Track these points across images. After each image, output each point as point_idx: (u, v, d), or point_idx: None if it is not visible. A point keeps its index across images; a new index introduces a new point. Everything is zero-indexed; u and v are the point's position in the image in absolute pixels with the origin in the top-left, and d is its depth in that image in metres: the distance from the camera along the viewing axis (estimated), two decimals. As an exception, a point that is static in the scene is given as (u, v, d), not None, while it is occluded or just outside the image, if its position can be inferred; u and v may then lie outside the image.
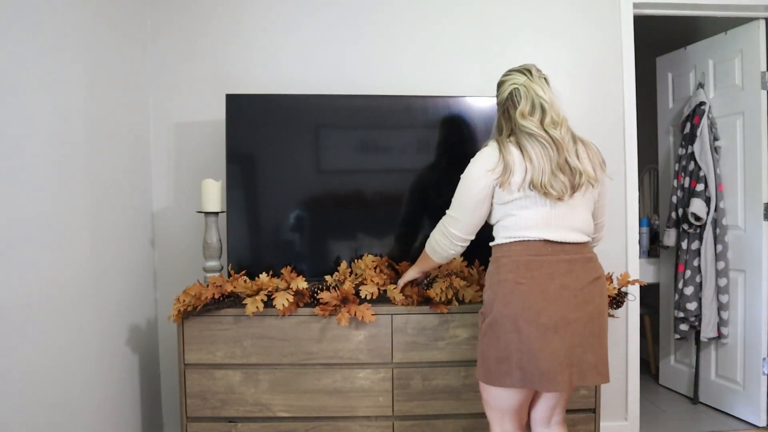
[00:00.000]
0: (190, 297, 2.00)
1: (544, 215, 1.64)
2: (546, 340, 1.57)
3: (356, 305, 2.02)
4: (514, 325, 1.59)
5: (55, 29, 1.73)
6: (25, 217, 1.56)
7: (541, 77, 1.73)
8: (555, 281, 1.60)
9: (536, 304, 1.58)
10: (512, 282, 1.61)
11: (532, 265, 1.62)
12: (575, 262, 1.64)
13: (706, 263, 2.95)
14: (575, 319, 1.59)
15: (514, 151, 1.65)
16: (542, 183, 1.61)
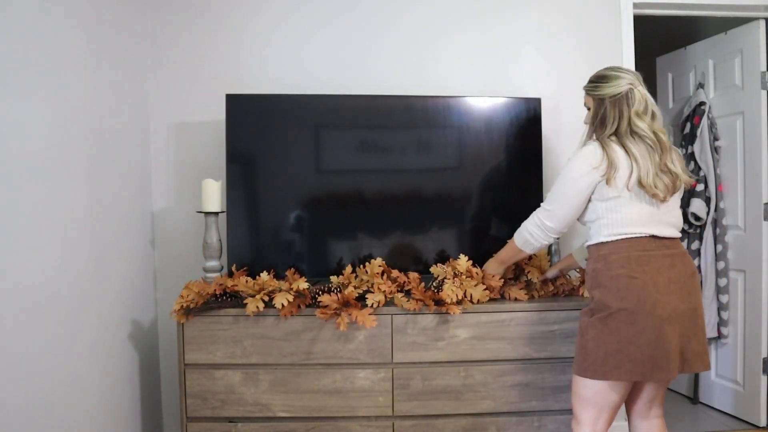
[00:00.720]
0: (193, 293, 2.00)
1: (648, 212, 1.72)
2: (662, 331, 1.65)
3: (357, 310, 2.01)
4: (630, 318, 1.66)
5: (55, 29, 1.73)
6: (25, 217, 1.56)
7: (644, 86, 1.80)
8: (663, 275, 1.68)
9: (651, 296, 1.65)
10: (626, 277, 1.68)
11: (642, 260, 1.69)
12: (675, 256, 1.73)
13: (706, 263, 2.95)
14: (683, 310, 1.68)
15: (618, 149, 1.71)
16: (649, 182, 1.68)
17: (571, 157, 1.82)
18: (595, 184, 1.73)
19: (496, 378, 2.12)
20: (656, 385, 1.83)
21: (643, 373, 1.68)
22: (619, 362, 1.66)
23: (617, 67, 1.86)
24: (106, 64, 2.08)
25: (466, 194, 2.43)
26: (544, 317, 2.14)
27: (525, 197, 2.41)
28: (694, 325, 1.72)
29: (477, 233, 2.37)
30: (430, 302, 2.05)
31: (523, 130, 2.40)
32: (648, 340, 1.65)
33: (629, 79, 1.77)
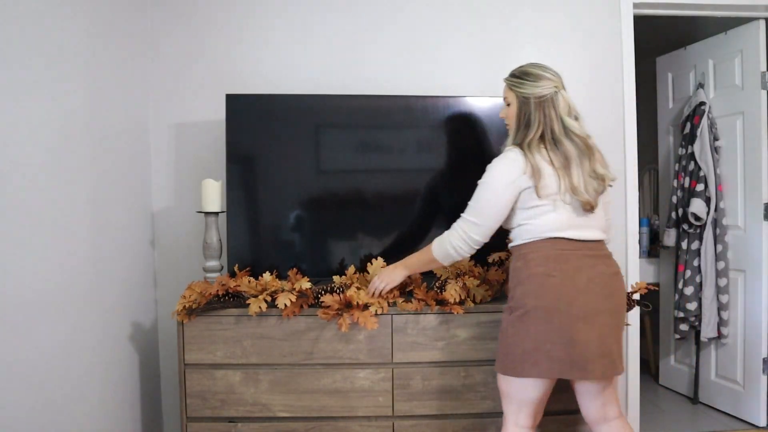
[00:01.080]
0: (195, 293, 2.00)
1: (568, 217, 1.70)
2: (577, 330, 1.63)
3: (359, 311, 2.01)
4: (546, 316, 1.65)
5: (55, 29, 1.73)
6: (25, 217, 1.56)
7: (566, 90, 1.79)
8: (582, 274, 1.67)
9: (567, 295, 1.64)
10: (543, 275, 1.67)
11: (561, 258, 1.68)
12: (598, 257, 1.73)
13: (706, 263, 2.95)
14: (604, 310, 1.67)
15: (541, 156, 1.69)
16: (578, 189, 1.67)
17: (491, 165, 1.76)
18: (519, 192, 1.71)
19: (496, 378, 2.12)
20: (599, 387, 1.76)
21: (560, 371, 1.65)
22: (536, 360, 1.65)
23: (542, 65, 1.80)
24: (106, 64, 2.08)
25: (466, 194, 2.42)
26: (544, 317, 2.13)
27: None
28: (615, 327, 1.70)
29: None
30: (432, 303, 2.05)
31: (523, 130, 2.40)
32: (564, 339, 1.63)
33: (555, 82, 1.74)
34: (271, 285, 2.05)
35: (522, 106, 1.75)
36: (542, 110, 1.72)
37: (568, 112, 1.73)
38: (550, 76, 1.76)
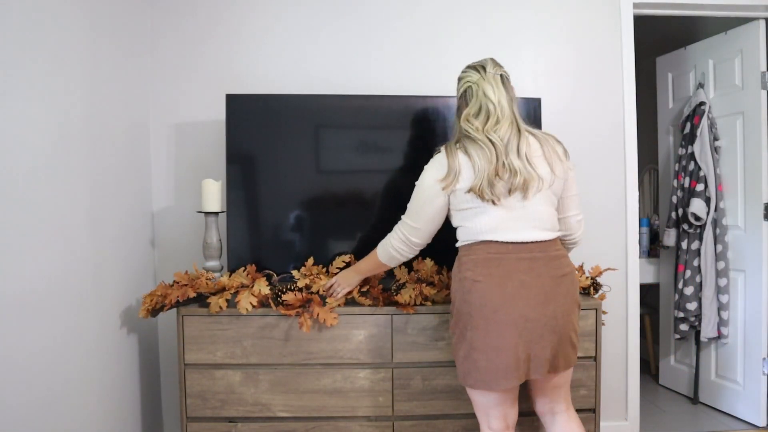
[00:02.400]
0: (156, 297, 2.04)
1: (501, 218, 1.64)
2: (502, 338, 1.58)
3: (320, 307, 2.02)
4: (472, 323, 1.61)
5: (55, 30, 1.73)
6: (25, 217, 1.56)
7: (496, 74, 1.71)
8: (513, 279, 1.60)
9: (492, 301, 1.59)
10: (470, 280, 1.63)
11: (491, 263, 1.62)
12: (537, 260, 1.64)
13: (706, 263, 2.95)
14: (535, 317, 1.59)
15: (461, 157, 1.65)
16: (480, 188, 1.61)
17: (425, 166, 1.75)
18: (447, 195, 1.68)
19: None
20: (548, 385, 1.74)
21: (487, 382, 1.60)
22: (468, 369, 1.63)
23: (468, 65, 1.77)
24: (106, 64, 2.08)
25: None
26: (544, 317, 2.13)
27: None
28: (552, 333, 1.61)
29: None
30: (381, 303, 2.07)
31: (523, 130, 2.40)
32: (490, 347, 1.58)
33: (466, 78, 1.71)
34: (230, 285, 2.06)
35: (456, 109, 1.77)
36: (458, 112, 1.73)
37: (479, 108, 1.67)
38: (464, 75, 1.73)
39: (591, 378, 2.15)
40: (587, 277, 2.31)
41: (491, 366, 1.59)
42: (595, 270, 2.32)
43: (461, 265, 1.68)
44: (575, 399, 2.14)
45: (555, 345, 1.62)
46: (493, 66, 1.73)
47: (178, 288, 2.04)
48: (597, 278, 2.32)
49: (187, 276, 2.11)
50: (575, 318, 1.69)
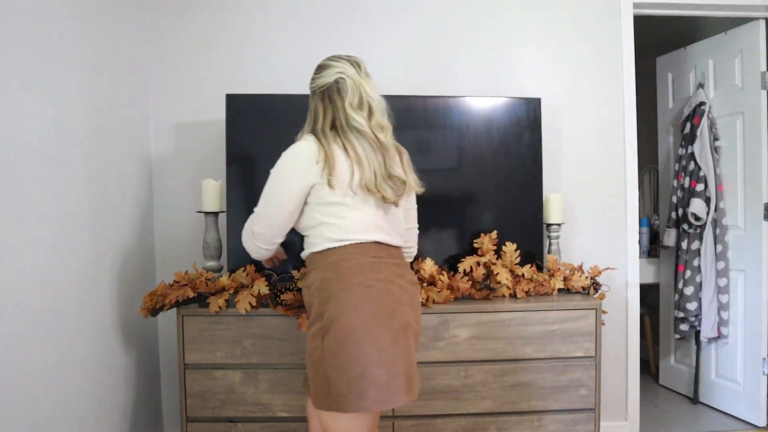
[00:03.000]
0: (156, 296, 2.05)
1: (376, 217, 1.56)
2: (400, 346, 1.47)
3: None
4: (369, 335, 1.43)
5: (55, 30, 1.73)
6: (25, 217, 1.56)
7: (368, 75, 1.65)
8: (395, 284, 1.53)
9: (388, 308, 1.47)
10: (360, 286, 1.47)
11: (375, 267, 1.50)
12: (401, 266, 1.62)
13: (706, 263, 2.95)
14: (413, 322, 1.56)
15: (336, 146, 1.53)
16: (377, 185, 1.52)
17: (283, 153, 1.60)
18: (311, 185, 1.53)
19: (496, 378, 2.12)
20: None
21: (390, 400, 1.43)
22: (363, 389, 1.40)
23: (336, 55, 1.67)
24: (107, 64, 2.08)
25: (466, 194, 2.43)
26: (544, 317, 2.14)
27: (525, 197, 2.41)
28: (416, 340, 1.59)
29: (477, 233, 2.36)
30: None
31: (523, 130, 2.40)
32: (390, 357, 1.43)
33: (339, 68, 1.59)
34: (229, 285, 2.07)
35: (311, 100, 1.64)
36: (327, 98, 1.58)
37: (360, 100, 1.57)
38: (335, 63, 1.61)
39: (591, 378, 2.15)
40: (586, 276, 2.31)
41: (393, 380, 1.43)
42: (594, 270, 2.33)
43: (342, 272, 1.49)
44: (575, 399, 2.14)
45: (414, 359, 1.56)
46: (365, 66, 1.67)
47: (178, 288, 2.04)
48: (596, 278, 2.33)
49: (187, 276, 2.11)
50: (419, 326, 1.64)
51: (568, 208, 2.60)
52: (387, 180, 1.55)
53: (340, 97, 1.58)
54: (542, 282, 2.27)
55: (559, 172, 2.62)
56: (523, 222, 2.40)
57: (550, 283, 2.28)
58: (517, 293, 2.22)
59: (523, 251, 2.29)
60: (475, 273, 2.18)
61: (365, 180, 1.52)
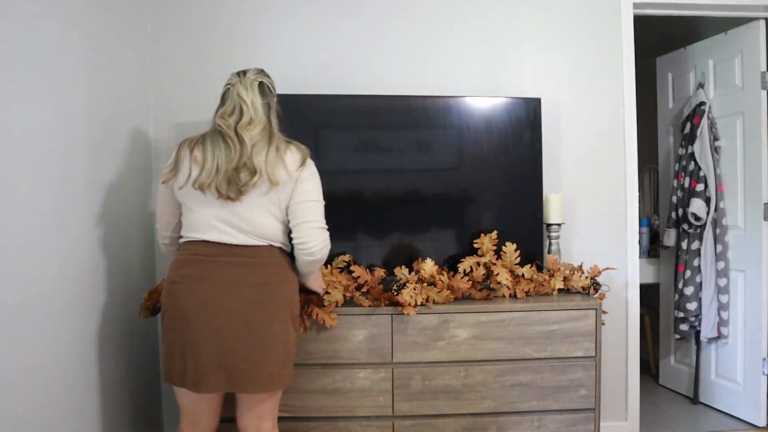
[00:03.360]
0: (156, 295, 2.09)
1: (210, 217, 1.66)
2: (191, 339, 1.61)
3: (319, 308, 2.02)
4: (169, 324, 1.66)
5: (55, 30, 1.73)
6: (25, 217, 1.56)
7: (255, 81, 1.72)
8: (213, 282, 1.62)
9: (187, 305, 1.62)
10: (169, 281, 1.69)
11: (191, 263, 1.65)
12: (243, 265, 1.65)
13: (706, 263, 2.95)
14: (228, 322, 1.61)
15: (186, 150, 1.69)
16: (213, 183, 1.62)
17: None
18: (171, 188, 1.73)
19: (496, 378, 2.12)
20: (254, 400, 1.71)
21: (184, 382, 1.63)
22: (169, 366, 1.66)
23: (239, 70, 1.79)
24: (107, 64, 2.08)
25: (466, 194, 2.43)
26: (544, 317, 2.14)
27: (525, 197, 2.41)
28: (249, 341, 1.61)
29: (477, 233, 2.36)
30: (383, 303, 2.07)
31: (523, 130, 2.40)
32: (183, 350, 1.61)
33: (230, 80, 1.74)
34: None
35: None
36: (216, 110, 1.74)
37: (233, 107, 1.68)
38: (228, 79, 1.75)
39: (591, 378, 2.15)
40: (586, 276, 2.31)
41: (183, 368, 1.62)
42: (594, 270, 2.33)
43: (171, 264, 1.73)
44: (575, 399, 2.15)
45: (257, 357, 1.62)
46: (255, 74, 1.75)
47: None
48: (596, 278, 2.33)
49: None
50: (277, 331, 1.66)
51: (568, 208, 2.60)
52: (232, 174, 1.61)
53: (219, 107, 1.73)
54: (542, 282, 2.27)
55: (559, 172, 2.62)
56: (523, 222, 2.40)
57: (550, 283, 2.28)
58: (517, 293, 2.22)
59: (523, 251, 2.29)
60: (475, 273, 2.19)
61: (200, 180, 1.63)
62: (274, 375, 1.65)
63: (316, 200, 1.72)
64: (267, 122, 1.69)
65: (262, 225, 1.67)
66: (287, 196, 1.68)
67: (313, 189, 1.72)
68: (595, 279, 2.34)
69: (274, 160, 1.64)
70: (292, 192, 1.68)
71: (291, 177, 1.67)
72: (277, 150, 1.66)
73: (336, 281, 2.09)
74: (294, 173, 1.67)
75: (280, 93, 2.40)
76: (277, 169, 1.64)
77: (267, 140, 1.66)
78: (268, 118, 1.70)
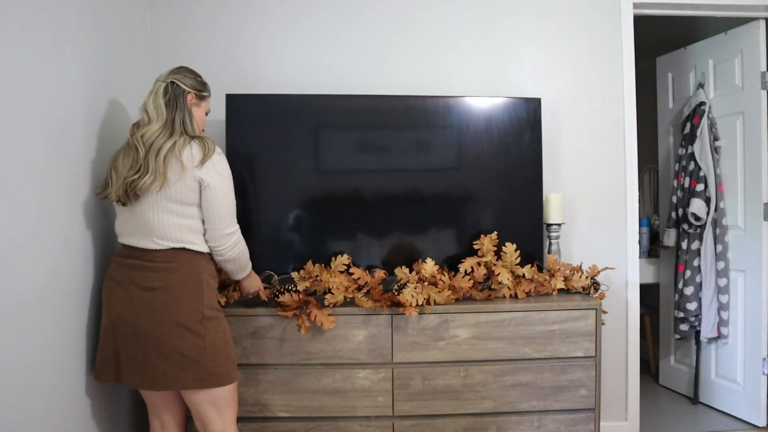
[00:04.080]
0: None
1: (122, 222, 1.76)
2: (103, 337, 1.74)
3: (317, 309, 2.02)
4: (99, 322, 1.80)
5: (54, 30, 1.73)
6: (24, 217, 1.56)
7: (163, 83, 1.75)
8: (121, 285, 1.71)
9: (105, 303, 1.75)
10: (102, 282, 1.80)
11: (113, 265, 1.77)
12: (147, 269, 1.70)
13: (706, 263, 2.95)
14: (133, 322, 1.68)
15: (110, 164, 1.78)
16: (116, 190, 1.69)
17: None
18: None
19: (496, 378, 2.12)
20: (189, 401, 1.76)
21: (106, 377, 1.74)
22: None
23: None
24: (106, 63, 2.08)
25: (466, 194, 2.43)
26: (544, 317, 2.14)
27: (525, 197, 2.41)
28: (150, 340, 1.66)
29: (477, 233, 2.36)
30: (385, 305, 2.06)
31: (523, 130, 2.40)
32: (104, 346, 1.73)
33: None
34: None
35: None
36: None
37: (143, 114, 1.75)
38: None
39: (591, 378, 2.15)
40: (586, 276, 2.31)
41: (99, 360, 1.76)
42: (592, 269, 2.33)
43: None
44: (575, 399, 2.15)
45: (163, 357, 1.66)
46: (167, 75, 1.77)
47: None
48: (595, 277, 2.33)
49: None
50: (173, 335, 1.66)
51: (568, 208, 2.60)
52: (130, 179, 1.66)
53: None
54: (542, 282, 2.27)
55: (559, 172, 2.62)
56: (523, 222, 2.40)
57: (550, 284, 2.28)
58: (518, 294, 2.22)
59: (523, 251, 2.29)
60: (476, 273, 2.19)
61: (113, 188, 1.72)
62: (168, 376, 1.67)
63: (219, 206, 1.72)
64: (166, 120, 1.71)
65: (160, 226, 1.69)
66: (186, 191, 1.68)
67: (217, 192, 1.71)
68: (594, 279, 2.34)
69: (169, 156, 1.65)
70: (199, 191, 1.70)
71: (185, 172, 1.66)
72: (173, 145, 1.66)
73: (337, 282, 2.09)
74: (191, 170, 1.66)
75: (281, 93, 2.42)
76: (170, 164, 1.65)
77: (166, 137, 1.68)
78: (170, 115, 1.71)
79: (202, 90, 1.82)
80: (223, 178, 1.74)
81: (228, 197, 1.76)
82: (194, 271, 1.72)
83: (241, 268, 1.89)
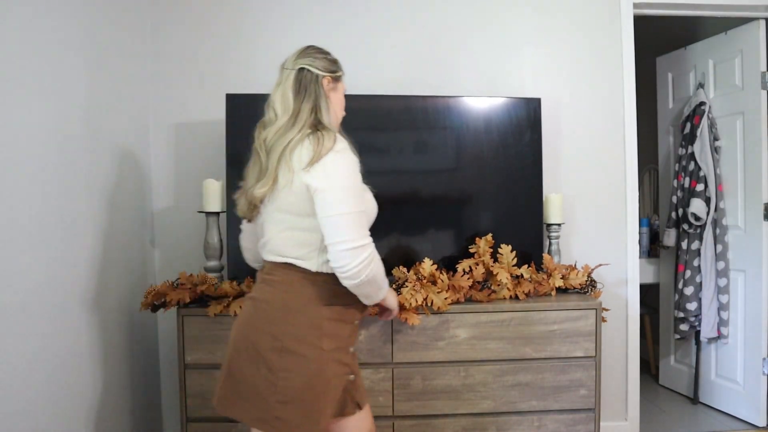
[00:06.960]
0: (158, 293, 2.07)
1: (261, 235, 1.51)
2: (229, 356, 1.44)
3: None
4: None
5: (55, 30, 1.73)
6: (25, 217, 1.56)
7: (293, 69, 1.48)
8: (248, 300, 1.48)
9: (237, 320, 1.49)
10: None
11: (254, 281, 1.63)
12: (264, 282, 1.47)
13: (706, 263, 2.95)
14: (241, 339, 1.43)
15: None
16: (241, 206, 1.48)
17: None
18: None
19: (496, 378, 2.12)
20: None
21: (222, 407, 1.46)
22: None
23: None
24: (106, 63, 2.08)
25: (466, 195, 2.43)
26: (544, 317, 2.14)
27: (525, 197, 2.41)
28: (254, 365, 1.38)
29: (476, 234, 2.36)
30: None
31: (523, 130, 2.40)
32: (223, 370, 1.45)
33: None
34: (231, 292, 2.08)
35: None
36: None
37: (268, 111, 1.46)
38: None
39: (591, 378, 2.15)
40: (582, 273, 2.31)
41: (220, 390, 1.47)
42: (585, 268, 2.33)
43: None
44: (575, 399, 2.15)
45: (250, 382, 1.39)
46: (294, 60, 1.49)
47: (181, 290, 2.05)
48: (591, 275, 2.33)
49: (192, 278, 2.12)
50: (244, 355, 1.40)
51: (568, 208, 2.60)
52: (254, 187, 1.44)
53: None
54: (541, 281, 2.27)
55: (559, 172, 2.63)
56: (523, 222, 2.40)
57: (549, 283, 2.28)
58: (518, 296, 2.22)
59: (523, 251, 2.29)
60: (475, 272, 2.19)
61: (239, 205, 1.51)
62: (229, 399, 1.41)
63: (332, 215, 1.35)
64: (293, 112, 1.42)
65: (272, 238, 1.43)
66: (293, 200, 1.38)
67: (326, 199, 1.35)
68: (591, 277, 2.35)
69: (283, 157, 1.38)
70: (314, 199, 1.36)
71: (292, 176, 1.36)
72: (288, 144, 1.37)
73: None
74: (298, 173, 1.35)
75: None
76: (280, 169, 1.38)
77: (284, 134, 1.39)
78: (297, 106, 1.43)
79: (336, 70, 1.56)
80: (336, 180, 1.36)
81: (344, 204, 1.35)
82: (289, 290, 1.41)
83: (375, 291, 1.46)
